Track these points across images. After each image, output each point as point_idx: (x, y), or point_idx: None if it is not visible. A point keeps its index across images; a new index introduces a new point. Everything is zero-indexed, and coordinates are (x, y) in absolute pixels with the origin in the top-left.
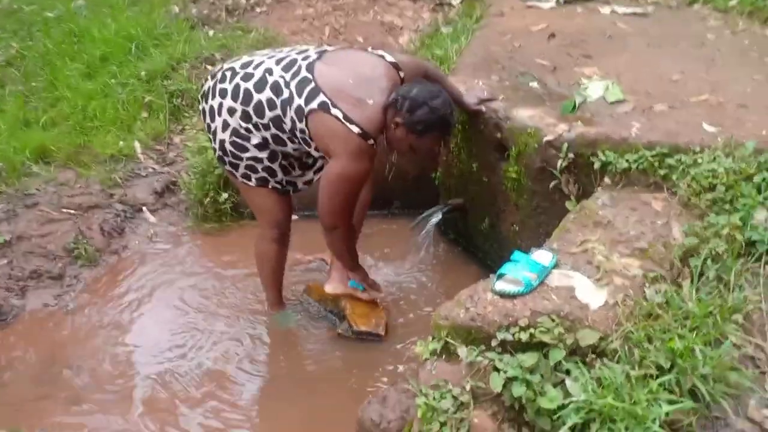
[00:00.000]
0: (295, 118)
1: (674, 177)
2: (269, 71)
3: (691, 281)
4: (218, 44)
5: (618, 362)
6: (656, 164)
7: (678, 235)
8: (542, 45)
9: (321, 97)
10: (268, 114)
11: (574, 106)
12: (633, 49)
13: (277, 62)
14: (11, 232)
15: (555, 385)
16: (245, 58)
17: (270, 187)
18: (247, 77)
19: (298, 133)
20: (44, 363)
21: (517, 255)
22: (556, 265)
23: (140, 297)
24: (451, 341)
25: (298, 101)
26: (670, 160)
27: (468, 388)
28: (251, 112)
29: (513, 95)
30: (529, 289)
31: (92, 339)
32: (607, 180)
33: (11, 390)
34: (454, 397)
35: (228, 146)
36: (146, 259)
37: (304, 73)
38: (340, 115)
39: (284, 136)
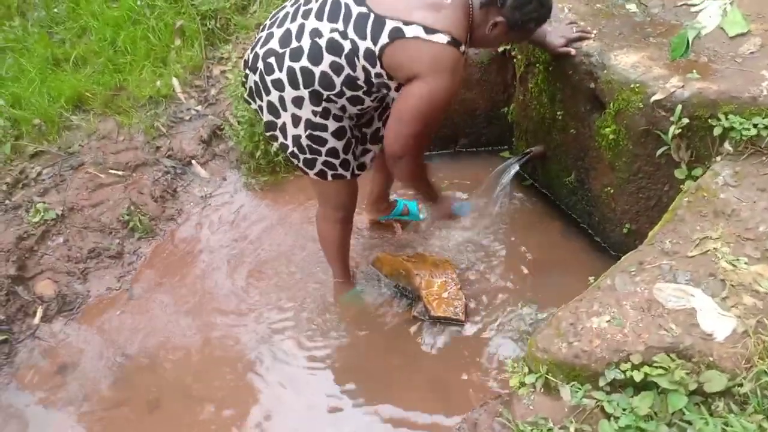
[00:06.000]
0: (367, 65)
1: None
2: (317, 33)
3: None
4: None
5: (748, 410)
6: None
7: None
8: None
9: (389, 25)
10: (338, 81)
11: (687, 45)
12: None
13: (318, 15)
14: (62, 202)
15: (670, 425)
16: (278, 32)
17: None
18: (295, 55)
19: (374, 80)
20: (118, 360)
21: None
22: None
23: (206, 270)
24: (552, 378)
25: (365, 45)
26: None
27: (573, 430)
28: (319, 90)
29: (607, 24)
30: None
31: (166, 327)
32: (727, 146)
33: (87, 395)
34: None
35: (305, 141)
36: (205, 224)
37: (356, 9)
38: (421, 32)
39: (360, 93)
